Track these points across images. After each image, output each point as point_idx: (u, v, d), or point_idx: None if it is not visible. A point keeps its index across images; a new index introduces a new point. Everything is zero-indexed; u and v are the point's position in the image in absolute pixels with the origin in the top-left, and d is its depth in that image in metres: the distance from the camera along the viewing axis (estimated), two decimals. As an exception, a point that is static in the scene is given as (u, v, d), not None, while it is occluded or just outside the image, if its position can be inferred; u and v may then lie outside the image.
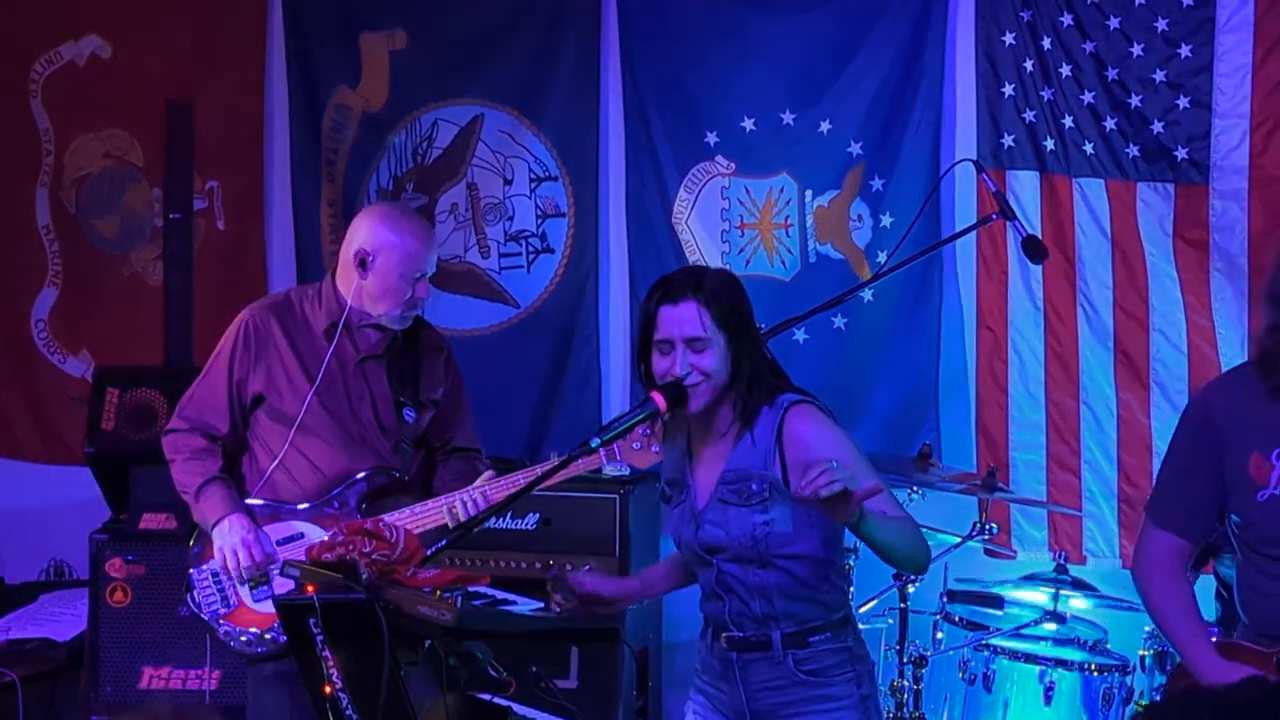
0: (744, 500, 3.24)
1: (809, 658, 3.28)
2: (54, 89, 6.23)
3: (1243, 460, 3.28)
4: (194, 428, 4.13)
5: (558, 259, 5.96)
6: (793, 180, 5.72)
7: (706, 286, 3.24)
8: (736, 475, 3.26)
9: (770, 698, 3.29)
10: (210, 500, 4.05)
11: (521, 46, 5.92)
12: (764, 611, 3.27)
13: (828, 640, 3.29)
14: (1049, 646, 4.76)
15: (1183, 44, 5.37)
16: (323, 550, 3.16)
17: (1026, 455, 5.54)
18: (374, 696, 3.01)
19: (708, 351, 3.23)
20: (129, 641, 5.05)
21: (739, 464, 3.27)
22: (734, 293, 3.28)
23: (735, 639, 3.31)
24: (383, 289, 4.07)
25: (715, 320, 3.23)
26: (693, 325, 3.22)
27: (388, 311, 4.09)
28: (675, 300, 3.24)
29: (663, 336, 3.25)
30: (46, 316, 6.27)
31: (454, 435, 4.29)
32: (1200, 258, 5.38)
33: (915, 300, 5.62)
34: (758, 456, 3.25)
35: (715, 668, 3.37)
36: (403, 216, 4.17)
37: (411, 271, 4.06)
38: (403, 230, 4.08)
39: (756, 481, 3.24)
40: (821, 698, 3.27)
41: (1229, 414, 3.32)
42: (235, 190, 6.16)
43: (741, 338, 3.26)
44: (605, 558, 5.01)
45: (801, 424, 3.26)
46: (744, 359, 3.26)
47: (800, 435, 3.24)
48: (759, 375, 3.28)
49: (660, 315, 3.25)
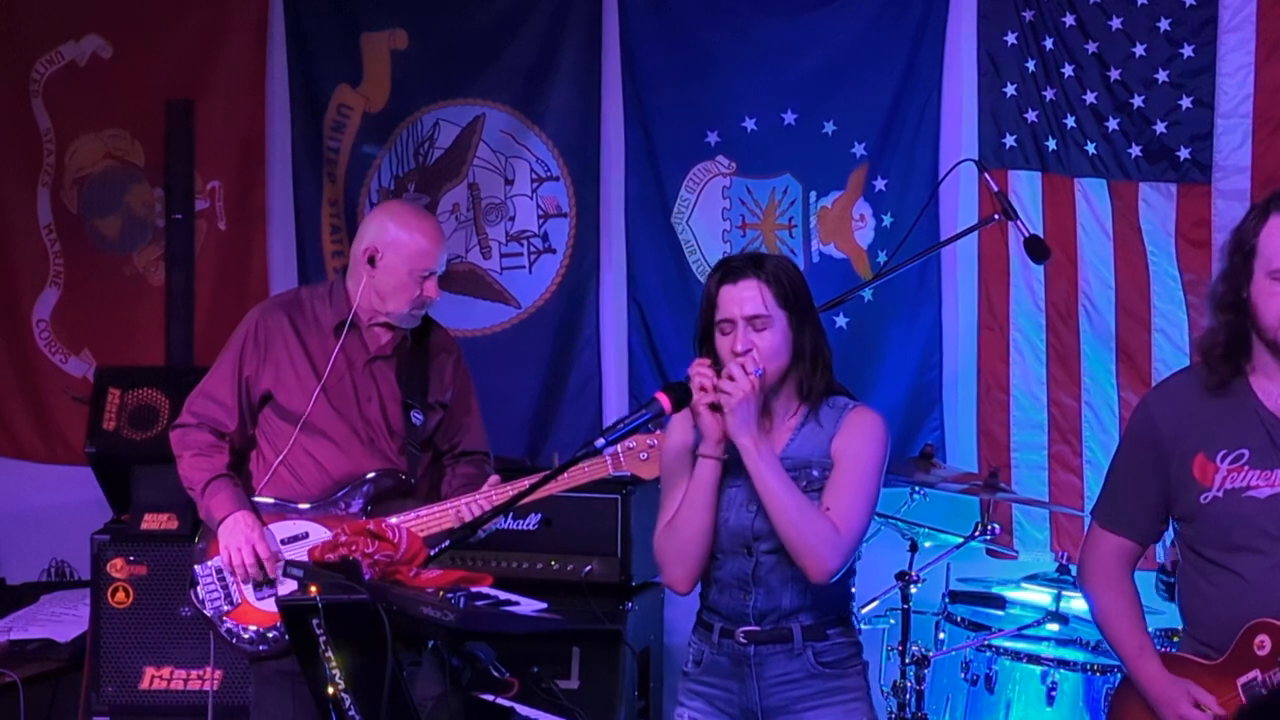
0: (803, 485, 3.23)
1: (827, 650, 3.28)
2: (55, 89, 6.23)
3: (1187, 462, 3.26)
4: (202, 423, 4.13)
5: (559, 259, 5.96)
6: (797, 181, 5.72)
7: (768, 266, 3.24)
8: (795, 462, 3.25)
9: (786, 692, 3.27)
10: (216, 498, 4.06)
11: (523, 46, 5.92)
12: (793, 604, 3.26)
13: (841, 634, 3.32)
14: (1051, 647, 4.75)
15: (1185, 44, 5.37)
16: (326, 550, 3.16)
17: (1028, 455, 5.54)
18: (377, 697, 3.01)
19: (768, 330, 3.22)
20: (131, 642, 5.04)
21: (801, 451, 3.26)
22: (794, 275, 3.28)
23: (754, 633, 3.28)
24: (391, 286, 4.07)
25: (777, 298, 3.22)
26: (754, 303, 3.22)
27: (396, 310, 4.09)
28: (736, 279, 3.24)
29: (724, 316, 3.24)
30: (48, 317, 6.28)
31: (462, 438, 4.29)
32: (1203, 258, 5.38)
33: (917, 300, 5.62)
34: (820, 445, 3.26)
35: (723, 666, 3.32)
36: (413, 214, 4.18)
37: (420, 269, 4.06)
38: (412, 228, 4.08)
39: (818, 468, 3.25)
40: (837, 689, 3.28)
41: (1173, 417, 3.30)
42: (237, 190, 6.16)
43: (804, 318, 3.26)
44: (607, 558, 5.00)
45: (867, 415, 3.29)
46: (806, 340, 3.25)
47: (857, 422, 3.27)
48: (822, 357, 3.28)
49: (721, 295, 3.25)
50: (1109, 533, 3.41)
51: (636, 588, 5.04)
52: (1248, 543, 3.20)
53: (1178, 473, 3.28)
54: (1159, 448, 3.30)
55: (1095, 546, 3.43)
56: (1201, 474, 3.25)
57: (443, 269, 4.14)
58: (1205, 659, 3.26)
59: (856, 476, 3.24)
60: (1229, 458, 3.23)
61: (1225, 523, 3.22)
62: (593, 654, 4.96)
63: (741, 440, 3.18)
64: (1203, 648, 3.28)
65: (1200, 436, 3.26)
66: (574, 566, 4.99)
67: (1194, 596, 3.33)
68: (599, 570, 4.99)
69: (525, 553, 5.04)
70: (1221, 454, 3.23)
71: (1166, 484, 3.30)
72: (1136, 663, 3.34)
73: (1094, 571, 3.43)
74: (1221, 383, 3.24)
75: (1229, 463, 3.23)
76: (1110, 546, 3.40)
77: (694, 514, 3.25)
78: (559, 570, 4.99)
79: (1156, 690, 3.28)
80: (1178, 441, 3.28)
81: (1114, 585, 3.40)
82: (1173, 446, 3.28)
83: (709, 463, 3.24)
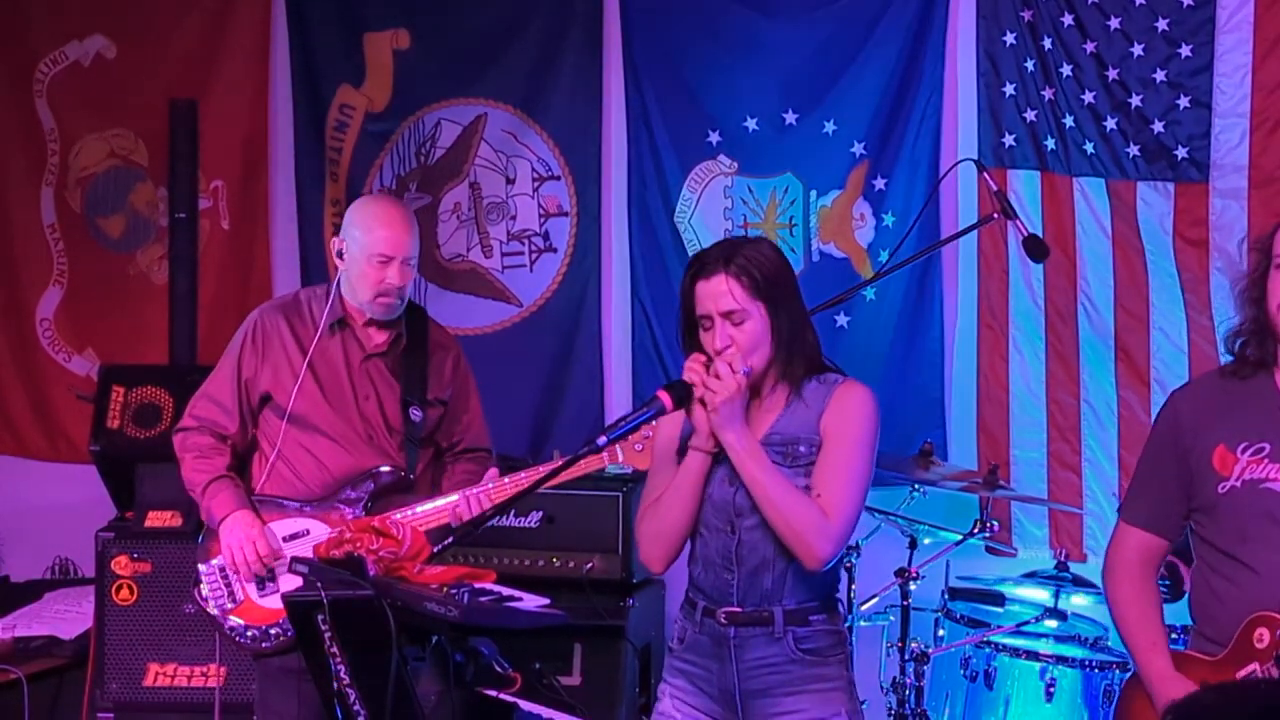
0: (790, 462, 3.23)
1: (808, 636, 3.27)
2: (59, 89, 6.24)
3: (1207, 454, 3.30)
4: (203, 426, 4.16)
5: (560, 258, 5.98)
6: (798, 180, 5.74)
7: (737, 259, 3.22)
8: (784, 439, 3.25)
9: (764, 676, 3.26)
10: (217, 498, 4.08)
11: (524, 46, 5.94)
12: (775, 586, 3.25)
13: (824, 621, 3.30)
14: (1050, 644, 4.78)
15: (1183, 44, 5.39)
16: (330, 547, 3.19)
17: (1027, 453, 5.55)
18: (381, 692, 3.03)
19: (746, 323, 3.21)
20: (135, 639, 5.06)
21: (787, 428, 3.26)
22: (769, 262, 3.24)
23: (736, 614, 3.27)
24: (355, 275, 4.10)
25: (749, 290, 3.20)
26: (726, 299, 3.21)
27: (363, 299, 4.11)
28: (708, 275, 3.23)
29: (702, 312, 3.25)
30: (52, 315, 6.29)
31: (463, 435, 4.31)
32: (1200, 256, 5.40)
33: (917, 299, 5.64)
34: (808, 421, 3.25)
35: (704, 645, 3.31)
36: (372, 202, 4.23)
37: (376, 254, 4.05)
38: (368, 214, 4.12)
39: (805, 444, 3.24)
40: (816, 677, 3.27)
41: (1197, 412, 3.35)
42: (240, 190, 6.18)
43: (781, 303, 3.23)
44: (608, 555, 5.02)
45: (856, 390, 3.27)
46: (786, 322, 3.23)
47: (846, 397, 3.26)
48: (799, 341, 3.26)
49: (697, 291, 3.25)
50: (1133, 528, 3.43)
51: (638, 584, 5.06)
52: (1261, 533, 3.23)
53: (1198, 464, 3.31)
54: (1182, 442, 3.34)
55: (1120, 542, 3.46)
56: (1221, 464, 3.28)
57: (405, 254, 4.08)
58: (1209, 655, 3.28)
59: (845, 456, 3.23)
60: (1250, 449, 3.26)
61: (1241, 513, 3.25)
62: (594, 650, 4.99)
63: (726, 437, 3.20)
64: (1209, 644, 3.30)
65: (1222, 428, 3.30)
66: (576, 563, 5.02)
67: (1205, 592, 3.35)
68: (600, 567, 5.01)
69: (527, 549, 5.06)
70: (1243, 445, 3.27)
71: (1188, 477, 3.33)
72: (1146, 656, 3.36)
73: (1116, 565, 3.45)
74: (1248, 373, 3.29)
75: (1249, 454, 3.26)
76: (1134, 543, 3.43)
77: (679, 500, 3.29)
78: (561, 567, 5.02)
79: (1162, 687, 3.29)
80: (1199, 435, 3.32)
81: (1134, 579, 3.42)
82: (1194, 440, 3.32)
83: (699, 455, 3.26)
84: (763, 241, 3.32)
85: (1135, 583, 3.42)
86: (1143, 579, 3.42)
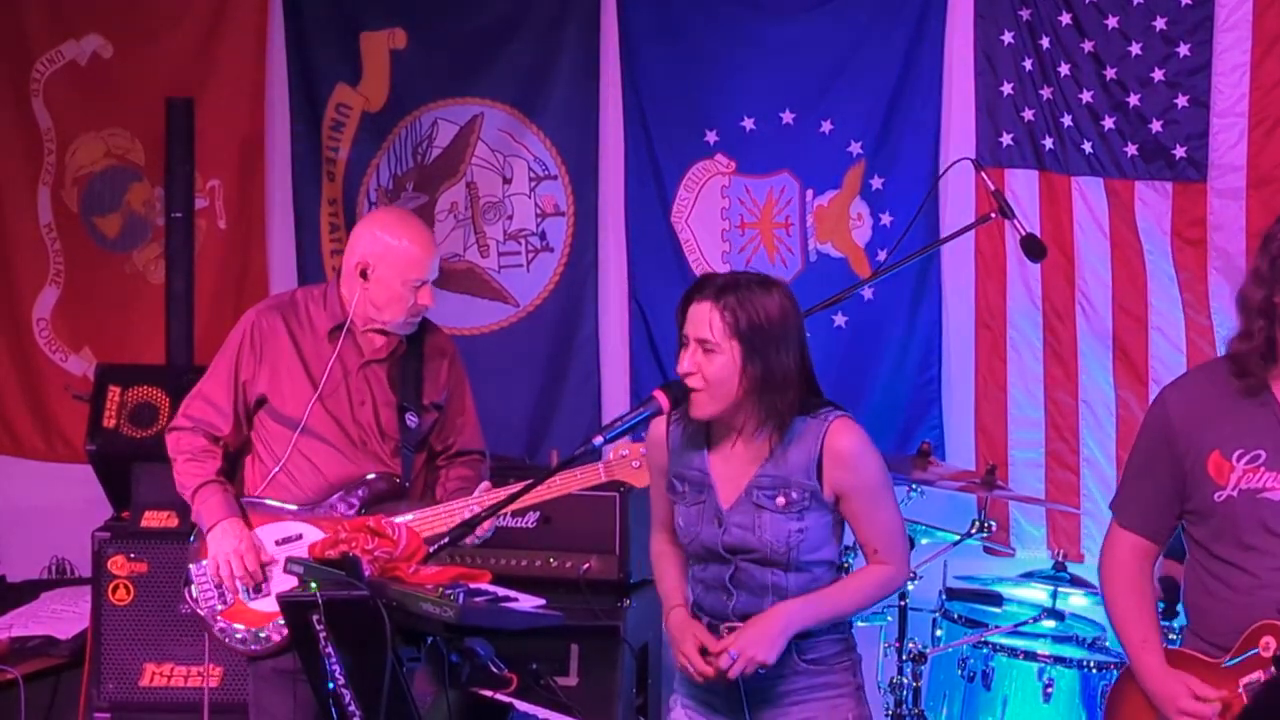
0: (781, 507, 3.24)
1: (811, 647, 3.29)
2: (55, 88, 6.24)
3: (1201, 459, 3.26)
4: (196, 427, 4.14)
5: (557, 258, 5.97)
6: (794, 180, 5.74)
7: (730, 295, 3.20)
8: (774, 481, 3.26)
9: (771, 686, 3.29)
10: (206, 504, 4.06)
11: (521, 46, 5.93)
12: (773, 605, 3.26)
13: (828, 630, 3.32)
14: (1048, 644, 4.77)
15: (1181, 43, 5.38)
16: (326, 547, 3.18)
17: (1025, 453, 5.55)
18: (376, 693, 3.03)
19: (714, 356, 3.20)
20: (131, 639, 5.06)
21: (777, 470, 3.26)
22: (762, 310, 3.19)
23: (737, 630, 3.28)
24: (385, 298, 4.07)
25: (728, 328, 3.19)
26: (703, 327, 3.21)
27: (392, 319, 4.09)
28: (699, 299, 3.24)
29: (685, 330, 3.27)
30: (48, 315, 6.28)
31: (457, 439, 4.29)
32: (1198, 256, 5.39)
33: (914, 298, 5.64)
34: (800, 464, 3.25)
35: None
36: (401, 223, 4.14)
37: (412, 279, 4.05)
38: (401, 237, 4.07)
39: (797, 489, 3.25)
40: (823, 685, 3.30)
41: (1189, 413, 3.30)
42: (236, 189, 6.17)
43: (760, 352, 3.19)
44: (605, 555, 5.01)
45: (846, 439, 3.26)
46: (760, 372, 3.19)
47: (842, 451, 3.25)
48: (776, 393, 3.22)
49: (689, 310, 3.27)
50: (1126, 531, 3.41)
51: (634, 585, 5.05)
52: (1260, 544, 3.20)
53: (1192, 468, 3.27)
54: (1173, 443, 3.30)
55: (1114, 544, 3.44)
56: (1217, 472, 3.24)
57: (435, 275, 4.13)
58: (1209, 656, 3.26)
59: (876, 506, 3.30)
60: (1245, 458, 3.22)
61: (1240, 522, 3.22)
62: (591, 651, 4.97)
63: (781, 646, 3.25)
64: (1204, 644, 3.29)
65: (1216, 434, 3.25)
66: (572, 564, 5.00)
67: (1202, 595, 3.33)
68: (597, 567, 5.00)
69: (523, 550, 5.05)
70: (1238, 453, 3.23)
71: (1180, 480, 3.30)
72: (1138, 652, 3.34)
73: (1111, 565, 3.43)
74: (1257, 387, 3.22)
75: (1245, 463, 3.22)
76: (1128, 545, 3.40)
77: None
78: (557, 567, 5.01)
79: (1155, 684, 3.28)
80: (1192, 437, 3.28)
81: (1128, 578, 3.39)
82: (1187, 443, 3.28)
83: None
84: (775, 288, 3.25)
85: (1129, 580, 3.40)
86: (1135, 579, 3.40)
